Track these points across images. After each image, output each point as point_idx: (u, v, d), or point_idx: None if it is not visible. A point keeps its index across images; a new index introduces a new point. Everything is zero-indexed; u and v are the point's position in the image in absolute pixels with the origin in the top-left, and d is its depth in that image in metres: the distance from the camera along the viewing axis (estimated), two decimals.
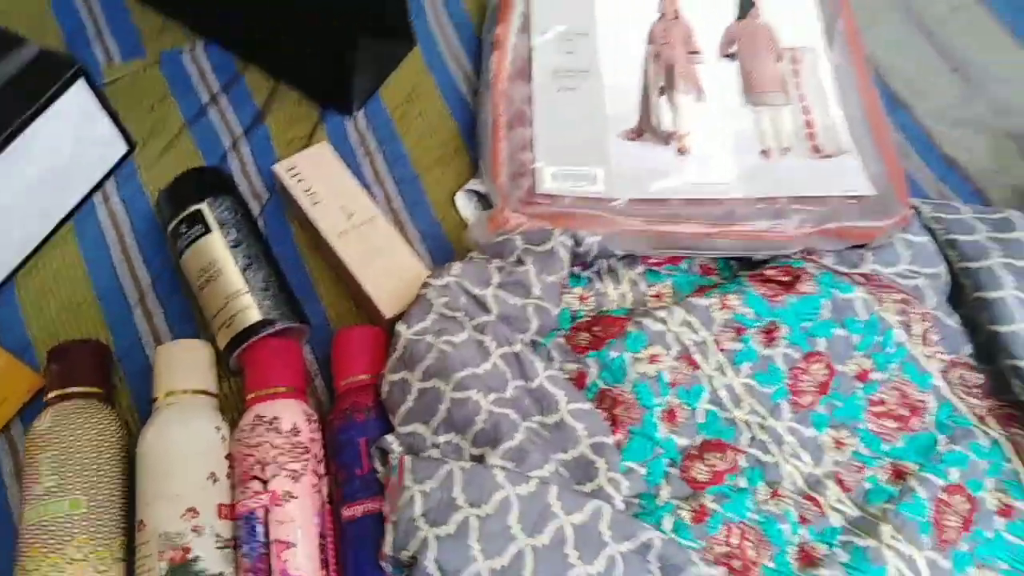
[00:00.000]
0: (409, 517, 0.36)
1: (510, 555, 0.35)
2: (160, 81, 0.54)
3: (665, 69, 0.55)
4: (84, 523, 0.38)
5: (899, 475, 0.43)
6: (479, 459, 0.38)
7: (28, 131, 0.44)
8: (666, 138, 0.52)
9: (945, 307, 0.48)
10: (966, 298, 0.48)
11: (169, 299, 0.48)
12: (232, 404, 0.45)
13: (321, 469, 0.41)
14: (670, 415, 0.44)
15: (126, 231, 0.50)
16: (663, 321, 0.45)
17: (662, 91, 0.54)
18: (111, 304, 0.47)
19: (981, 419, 0.45)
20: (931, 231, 0.50)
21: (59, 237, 0.49)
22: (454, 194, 0.52)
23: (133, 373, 0.46)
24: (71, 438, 0.40)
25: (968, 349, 0.47)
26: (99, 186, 0.51)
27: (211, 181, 0.47)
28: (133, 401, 0.45)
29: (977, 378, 0.46)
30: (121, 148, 0.51)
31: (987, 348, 0.47)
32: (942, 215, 0.50)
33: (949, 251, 0.49)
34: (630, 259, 0.50)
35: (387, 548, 0.36)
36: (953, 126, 0.60)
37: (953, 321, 0.48)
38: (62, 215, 0.49)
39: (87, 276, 0.48)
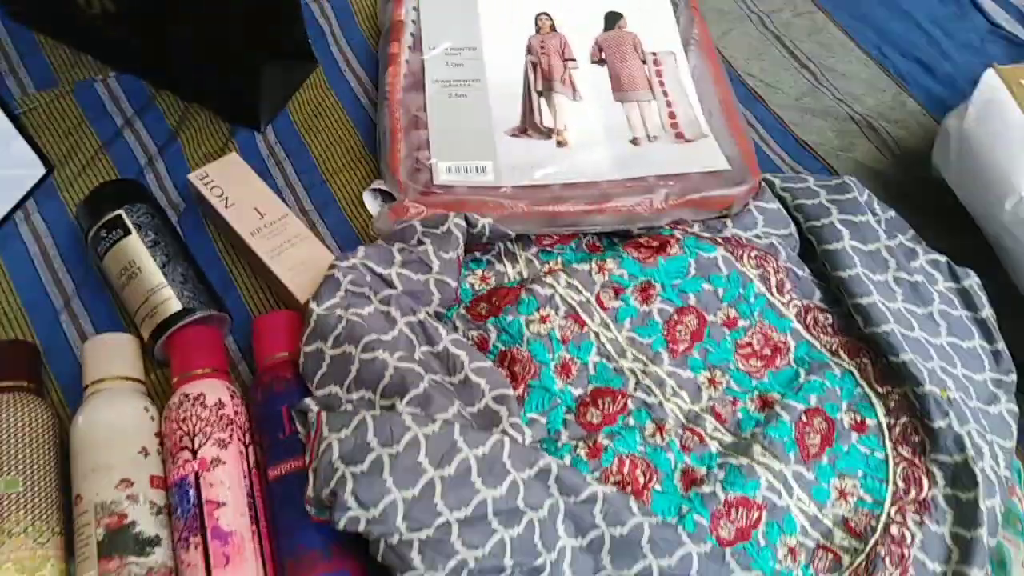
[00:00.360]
0: (328, 461, 0.40)
1: (420, 485, 0.39)
2: (75, 108, 0.58)
3: (543, 75, 0.62)
4: (21, 500, 0.40)
5: (766, 404, 0.50)
6: (389, 409, 0.42)
7: None
8: (547, 133, 0.58)
9: (796, 261, 0.55)
10: (814, 252, 0.55)
11: (93, 304, 0.51)
12: (160, 393, 0.48)
13: (247, 439, 0.45)
14: (564, 368, 0.49)
15: (48, 245, 0.53)
16: (551, 286, 0.50)
17: (541, 94, 0.61)
18: (37, 312, 0.50)
19: (834, 352, 0.52)
20: (781, 199, 0.58)
21: None
22: (360, 194, 0.57)
23: (62, 373, 0.48)
24: (4, 426, 0.42)
25: (819, 295, 0.54)
26: (19, 206, 0.54)
27: (128, 190, 0.51)
28: (63, 398, 0.47)
29: (827, 318, 0.53)
30: (39, 170, 0.54)
31: (834, 292, 0.54)
32: (790, 185, 0.58)
33: (797, 214, 0.57)
34: (525, 241, 0.56)
35: (310, 491, 0.40)
36: (803, 114, 0.69)
37: (804, 272, 0.55)
38: None
39: (12, 289, 0.51)
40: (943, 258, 0.55)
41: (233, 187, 0.53)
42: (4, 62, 0.60)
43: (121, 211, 0.49)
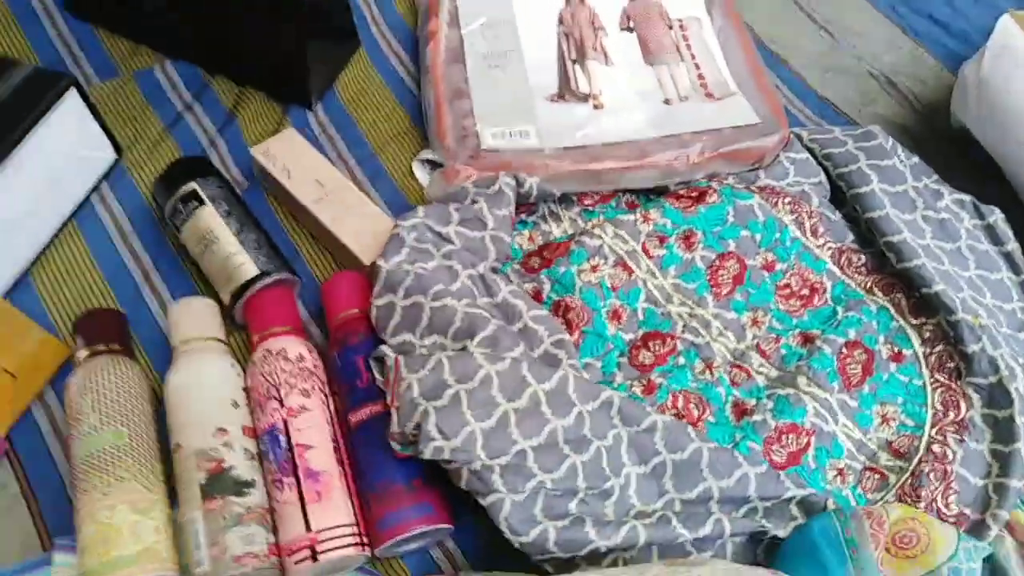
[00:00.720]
0: (409, 399, 0.43)
1: (496, 417, 0.42)
2: (137, 95, 0.61)
3: (575, 44, 0.65)
4: (127, 450, 0.44)
5: (807, 340, 0.53)
6: (461, 350, 0.45)
7: (31, 139, 0.51)
8: (583, 98, 0.61)
9: (828, 206, 0.58)
10: (844, 198, 0.58)
11: (172, 277, 0.54)
12: (240, 356, 0.51)
13: (327, 389, 0.48)
14: (615, 315, 0.52)
15: (124, 223, 0.56)
16: (599, 237, 0.53)
17: (575, 61, 0.64)
18: (120, 285, 0.53)
19: (869, 290, 0.55)
20: (810, 150, 0.60)
21: (64, 235, 0.55)
22: (410, 165, 0.61)
23: (147, 341, 0.52)
24: (105, 384, 0.45)
25: (851, 237, 0.57)
26: (95, 188, 0.57)
27: (199, 165, 0.54)
28: (151, 363, 0.51)
29: (861, 259, 0.56)
30: (111, 154, 0.58)
31: (865, 235, 0.57)
32: (817, 136, 0.61)
33: (826, 162, 0.59)
34: (567, 202, 0.59)
35: (395, 427, 0.43)
36: (824, 72, 0.72)
37: (836, 216, 0.57)
38: (66, 215, 0.55)
39: (95, 265, 0.54)
40: (968, 197, 0.58)
41: (293, 160, 0.56)
42: (68, 55, 0.63)
43: (195, 184, 0.52)
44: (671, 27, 0.67)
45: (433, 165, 0.60)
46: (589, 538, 0.40)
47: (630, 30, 0.66)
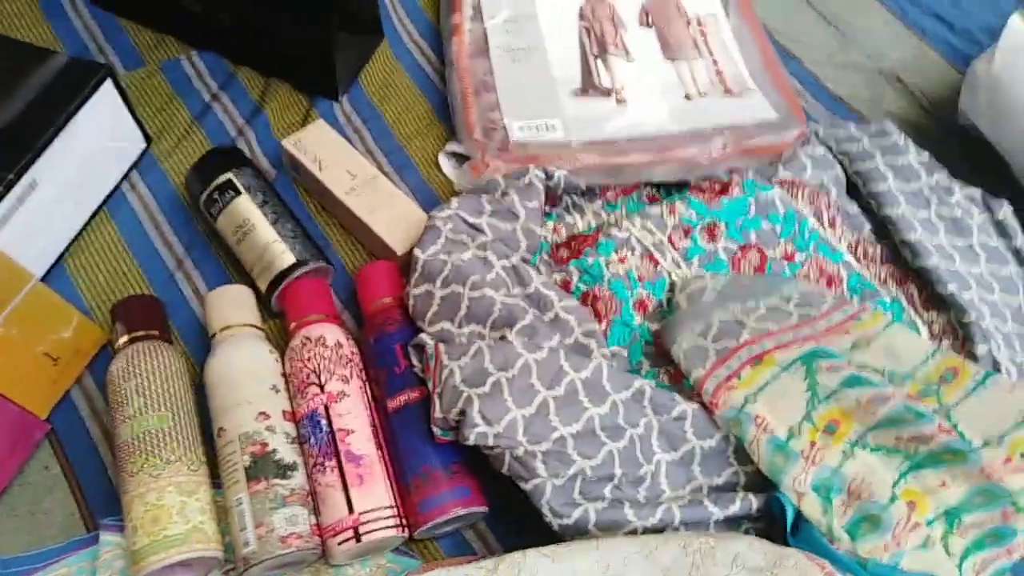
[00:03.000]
0: (452, 385, 0.44)
1: (536, 404, 0.44)
2: (164, 85, 0.62)
3: (597, 39, 0.66)
4: (172, 433, 0.45)
5: None
6: (500, 339, 0.47)
7: (68, 128, 0.51)
8: (606, 92, 0.63)
9: (845, 198, 0.60)
10: (860, 192, 0.60)
11: (204, 264, 0.55)
12: (275, 342, 0.52)
13: (363, 376, 0.49)
14: (641, 305, 0.54)
15: (156, 211, 0.57)
16: (627, 229, 0.55)
17: (597, 56, 0.65)
18: (153, 271, 0.54)
19: (883, 281, 0.57)
20: (826, 145, 0.62)
21: (97, 222, 0.56)
22: (436, 157, 0.62)
23: (182, 325, 0.53)
24: (147, 369, 0.46)
25: (868, 228, 0.59)
26: (125, 177, 0.58)
27: (233, 156, 0.55)
28: (186, 349, 0.52)
29: (876, 250, 0.58)
30: (140, 143, 0.58)
31: (881, 227, 0.58)
32: (833, 131, 0.62)
33: (842, 158, 0.61)
34: (590, 195, 0.60)
35: (437, 413, 0.44)
36: (834, 69, 0.73)
37: (854, 208, 0.59)
38: (98, 202, 0.56)
39: (128, 250, 0.55)
40: (977, 191, 0.60)
41: (323, 151, 0.57)
42: (92, 44, 0.63)
43: (231, 174, 0.53)
44: (689, 23, 0.68)
45: (459, 158, 0.61)
46: (627, 518, 0.42)
47: (649, 26, 0.68)
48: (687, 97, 0.63)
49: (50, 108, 0.51)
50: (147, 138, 0.59)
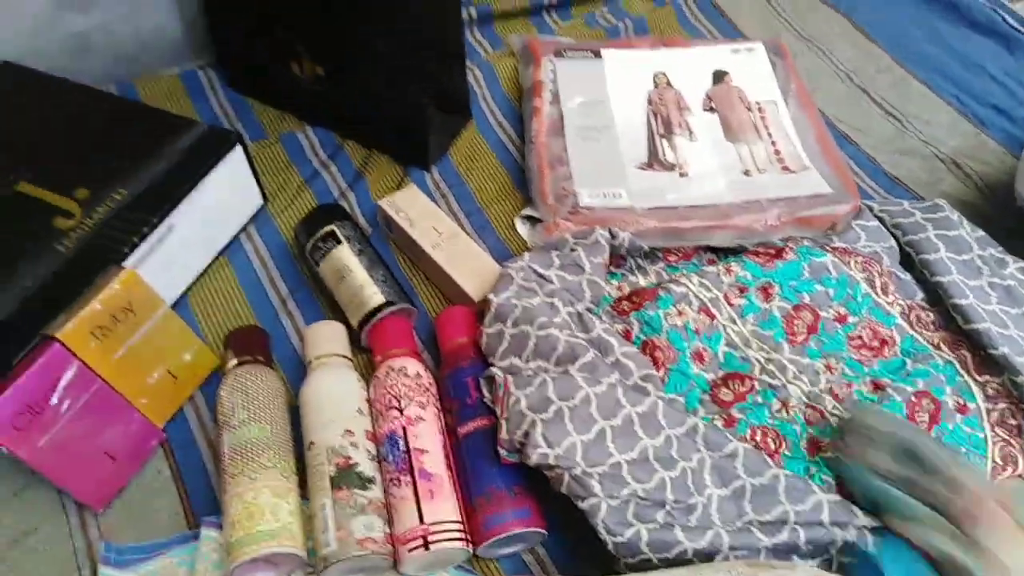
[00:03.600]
0: (518, 411, 0.49)
1: (594, 432, 0.48)
2: (282, 153, 0.72)
3: (663, 121, 0.73)
4: (270, 443, 0.50)
5: (878, 387, 0.57)
6: (563, 374, 0.51)
7: (203, 184, 0.60)
8: (670, 167, 0.69)
9: (898, 267, 0.63)
10: (913, 263, 0.63)
11: (304, 304, 0.62)
12: (362, 374, 0.58)
13: (439, 406, 0.54)
14: (698, 356, 0.57)
15: (267, 258, 0.65)
16: (685, 285, 0.59)
17: (662, 136, 0.71)
18: (261, 309, 0.62)
19: (936, 346, 0.59)
20: (880, 220, 0.66)
21: (217, 265, 0.64)
22: (512, 220, 0.68)
23: (282, 357, 0.59)
24: (252, 387, 0.53)
25: (920, 295, 0.61)
26: (243, 228, 0.66)
27: (336, 211, 0.63)
28: (284, 376, 0.58)
29: (929, 316, 0.60)
30: (259, 200, 0.67)
31: (933, 295, 0.61)
32: (887, 207, 0.66)
33: (895, 230, 0.64)
34: (653, 257, 0.65)
35: (504, 435, 0.49)
36: (892, 154, 0.78)
37: (906, 276, 0.62)
38: (220, 248, 0.65)
39: (241, 291, 0.63)
40: None
41: (415, 211, 0.64)
42: (226, 120, 0.74)
43: (334, 226, 0.61)
44: (750, 109, 0.74)
45: (533, 221, 0.68)
46: (678, 539, 0.45)
47: (712, 111, 0.74)
48: (746, 173, 0.68)
49: (190, 166, 0.60)
50: (264, 197, 0.68)
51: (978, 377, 0.57)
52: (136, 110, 0.67)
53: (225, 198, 0.63)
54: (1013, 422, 0.55)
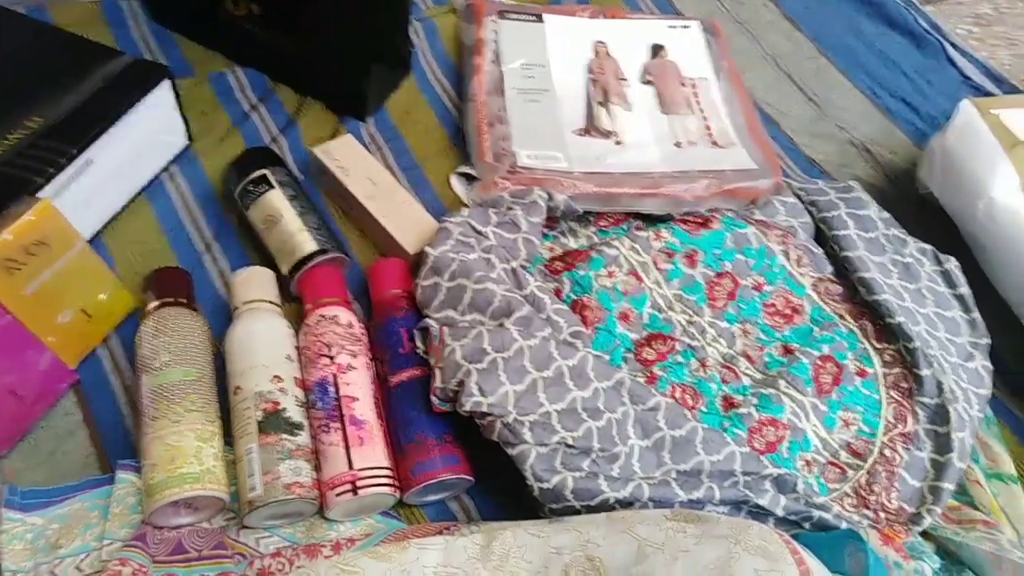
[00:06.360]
0: (453, 361, 0.49)
1: (527, 382, 0.49)
2: (209, 92, 0.69)
3: (602, 89, 0.74)
4: (194, 386, 0.49)
5: (788, 351, 0.60)
6: (498, 326, 0.52)
7: (126, 118, 0.57)
8: (606, 134, 0.70)
9: (812, 242, 0.66)
10: (826, 238, 0.67)
11: (229, 249, 0.61)
12: (291, 322, 0.57)
13: (369, 355, 0.54)
14: (624, 316, 0.59)
15: (190, 200, 0.62)
16: (617, 248, 0.61)
17: (600, 104, 0.73)
18: (182, 252, 0.60)
19: (841, 316, 0.63)
20: (798, 196, 0.69)
21: (136, 204, 0.61)
22: (448, 177, 0.68)
23: (204, 301, 0.57)
24: (175, 329, 0.51)
25: (830, 269, 0.65)
26: (165, 168, 0.64)
27: (269, 155, 0.61)
28: (207, 321, 0.57)
29: (836, 288, 0.64)
30: (183, 140, 0.65)
31: (841, 269, 0.65)
32: (805, 185, 0.70)
33: (811, 207, 0.68)
34: (585, 221, 0.67)
35: (438, 383, 0.49)
36: (810, 137, 0.82)
37: (818, 251, 0.66)
38: (140, 186, 0.62)
39: (162, 231, 0.60)
40: (929, 247, 0.67)
41: (350, 161, 0.63)
42: (148, 55, 0.70)
43: (266, 170, 0.59)
44: (684, 84, 0.76)
45: (469, 178, 0.68)
46: (601, 489, 0.46)
47: (649, 83, 0.76)
48: (677, 145, 0.71)
49: (113, 98, 0.57)
50: (190, 137, 0.65)
51: (877, 344, 0.61)
52: (56, 35, 0.63)
53: (149, 134, 0.61)
54: (905, 385, 0.59)
